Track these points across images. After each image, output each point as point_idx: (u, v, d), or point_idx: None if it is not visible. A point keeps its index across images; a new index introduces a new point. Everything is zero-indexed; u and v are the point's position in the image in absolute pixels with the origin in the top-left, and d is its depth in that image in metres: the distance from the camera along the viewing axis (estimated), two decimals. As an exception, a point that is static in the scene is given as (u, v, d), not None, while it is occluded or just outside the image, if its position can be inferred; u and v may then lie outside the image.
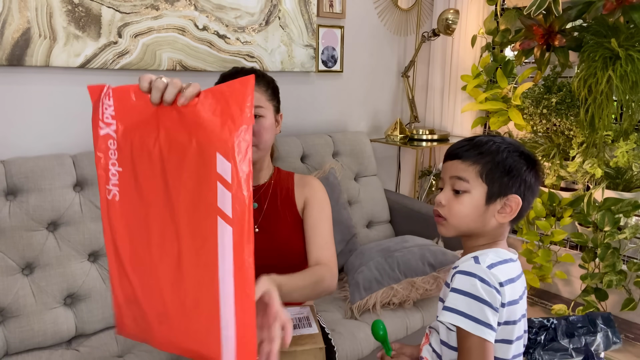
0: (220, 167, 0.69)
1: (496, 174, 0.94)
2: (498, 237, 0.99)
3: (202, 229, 0.71)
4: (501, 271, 0.92)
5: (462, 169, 0.96)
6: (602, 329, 0.99)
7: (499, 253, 0.96)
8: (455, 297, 0.90)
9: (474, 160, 0.96)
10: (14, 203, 1.52)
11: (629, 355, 2.18)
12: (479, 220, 0.96)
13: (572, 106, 2.16)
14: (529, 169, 0.96)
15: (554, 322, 1.04)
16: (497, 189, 0.95)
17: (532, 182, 0.96)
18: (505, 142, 0.98)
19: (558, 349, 0.99)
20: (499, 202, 0.95)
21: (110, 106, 0.76)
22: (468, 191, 0.95)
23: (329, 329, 1.55)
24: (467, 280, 0.90)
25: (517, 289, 0.95)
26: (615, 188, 2.18)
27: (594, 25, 2.03)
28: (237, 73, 1.16)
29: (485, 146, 0.96)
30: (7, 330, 1.44)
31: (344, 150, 2.28)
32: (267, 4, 2.11)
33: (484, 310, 0.87)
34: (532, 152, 1.00)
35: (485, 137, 1.00)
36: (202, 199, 0.71)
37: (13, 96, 1.65)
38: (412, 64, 2.58)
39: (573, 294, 2.46)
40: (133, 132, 0.76)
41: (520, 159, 0.96)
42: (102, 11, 1.72)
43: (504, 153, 0.95)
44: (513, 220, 0.98)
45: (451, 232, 0.99)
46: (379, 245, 1.90)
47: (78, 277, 1.56)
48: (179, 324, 0.76)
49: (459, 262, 0.98)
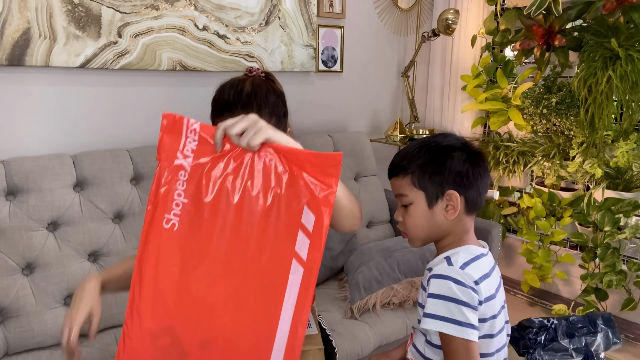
0: (305, 218, 0.78)
1: (425, 177, 0.96)
2: (463, 233, 0.99)
3: (275, 267, 0.79)
4: (474, 269, 0.93)
5: (399, 185, 1.00)
6: (603, 329, 0.99)
7: (469, 250, 0.97)
8: (434, 302, 0.90)
9: (404, 173, 0.99)
10: (14, 203, 1.52)
11: (629, 355, 2.18)
12: (431, 225, 0.98)
13: (572, 106, 2.16)
14: (458, 159, 0.96)
15: (554, 322, 1.04)
16: (432, 191, 0.96)
17: (466, 170, 0.96)
18: (429, 141, 0.99)
19: (558, 349, 0.99)
20: (441, 202, 0.96)
21: (195, 141, 0.81)
22: (412, 203, 0.98)
23: (329, 329, 1.55)
24: (443, 284, 0.90)
25: (492, 283, 0.96)
26: (615, 188, 2.18)
27: (594, 25, 2.03)
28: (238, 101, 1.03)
29: (409, 155, 0.99)
30: (7, 330, 1.44)
31: (344, 150, 2.28)
32: (267, 4, 2.11)
33: (463, 311, 0.88)
34: (462, 138, 1.00)
35: (411, 145, 1.01)
36: (279, 242, 0.79)
37: (13, 96, 1.65)
38: (412, 64, 2.58)
39: (573, 294, 2.46)
40: (210, 170, 0.81)
41: (444, 153, 0.97)
42: (102, 11, 1.72)
43: (425, 155, 0.97)
44: (469, 211, 0.98)
45: (417, 243, 1.02)
46: (379, 245, 1.90)
47: (78, 277, 1.55)
48: (229, 349, 0.82)
49: (433, 265, 0.99)
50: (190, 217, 0.80)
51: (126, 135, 1.88)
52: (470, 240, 1.00)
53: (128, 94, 1.88)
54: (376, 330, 1.67)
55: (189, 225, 0.81)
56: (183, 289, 0.81)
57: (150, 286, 0.81)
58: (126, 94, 1.87)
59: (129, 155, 1.74)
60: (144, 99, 1.92)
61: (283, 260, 0.79)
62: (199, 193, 0.80)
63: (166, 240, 0.81)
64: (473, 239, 1.01)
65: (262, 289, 0.80)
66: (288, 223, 0.79)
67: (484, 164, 0.99)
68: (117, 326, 1.62)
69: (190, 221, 0.80)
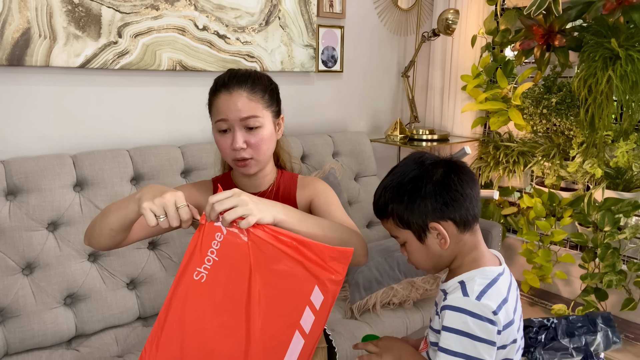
0: (315, 296, 0.88)
1: (404, 216, 0.93)
2: (472, 250, 0.94)
3: (279, 334, 0.88)
4: (492, 297, 0.87)
5: (388, 228, 0.99)
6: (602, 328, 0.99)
7: (485, 274, 0.91)
8: (447, 336, 0.87)
9: (386, 217, 0.97)
10: (14, 203, 1.52)
11: (628, 355, 2.18)
12: (432, 257, 0.95)
13: (572, 106, 2.16)
14: (427, 189, 0.91)
15: (554, 322, 1.04)
16: (416, 228, 0.93)
17: (440, 195, 0.91)
18: (393, 180, 0.95)
19: (558, 348, 0.99)
20: (430, 234, 0.93)
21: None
22: (406, 241, 0.96)
23: (329, 329, 1.55)
24: (458, 318, 0.86)
25: (510, 307, 0.91)
26: (615, 188, 2.18)
27: (594, 25, 2.03)
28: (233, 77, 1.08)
29: (381, 198, 0.96)
30: (7, 330, 1.44)
31: (344, 150, 2.28)
32: (267, 4, 2.11)
33: (477, 348, 0.85)
34: (426, 158, 0.95)
35: (380, 184, 0.98)
36: (286, 313, 0.88)
37: (13, 96, 1.65)
38: (412, 64, 2.58)
39: (573, 294, 2.46)
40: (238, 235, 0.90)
41: (412, 188, 0.92)
42: (102, 11, 1.72)
43: (394, 196, 0.94)
44: (465, 229, 0.93)
45: (431, 272, 1.01)
46: (379, 245, 1.90)
47: (78, 277, 1.56)
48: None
49: (447, 288, 0.94)
50: (216, 273, 0.88)
51: (126, 135, 1.88)
52: (484, 259, 0.94)
53: (128, 94, 1.88)
54: (376, 330, 1.67)
55: (214, 280, 0.88)
56: (199, 336, 0.88)
57: (172, 326, 0.88)
58: (126, 94, 1.87)
59: (129, 155, 1.74)
60: (144, 99, 1.92)
61: (288, 329, 0.88)
62: (228, 255, 0.88)
63: (193, 289, 0.88)
64: (487, 256, 0.95)
65: (266, 350, 0.88)
66: (297, 297, 0.88)
67: (459, 177, 0.92)
68: (117, 326, 1.62)
69: (216, 277, 0.88)
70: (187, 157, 1.85)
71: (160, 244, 1.74)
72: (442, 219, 0.91)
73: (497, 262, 0.96)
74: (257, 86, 1.08)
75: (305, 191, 1.20)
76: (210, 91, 1.10)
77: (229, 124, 1.05)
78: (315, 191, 1.19)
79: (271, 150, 1.13)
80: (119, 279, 1.63)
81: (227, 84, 1.06)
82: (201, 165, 1.86)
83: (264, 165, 1.13)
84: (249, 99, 1.04)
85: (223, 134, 1.06)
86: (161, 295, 1.67)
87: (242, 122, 1.04)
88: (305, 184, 1.22)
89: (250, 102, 1.05)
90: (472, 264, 0.93)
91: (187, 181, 1.84)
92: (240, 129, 1.04)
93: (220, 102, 1.05)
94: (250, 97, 1.05)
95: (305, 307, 0.88)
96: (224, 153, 1.08)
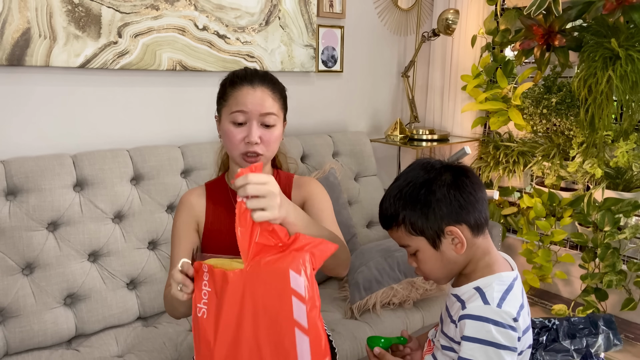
0: (294, 282, 0.81)
1: (418, 222, 0.91)
2: (485, 254, 0.93)
3: (283, 341, 0.82)
4: (511, 304, 0.87)
5: (398, 237, 0.95)
6: (604, 330, 0.98)
7: (502, 279, 0.90)
8: (471, 346, 0.85)
9: (396, 225, 0.94)
10: (14, 203, 1.52)
11: (629, 355, 2.18)
12: (446, 264, 0.93)
13: (572, 106, 2.16)
14: (441, 191, 0.90)
15: (555, 323, 1.04)
16: (430, 233, 0.91)
17: (455, 198, 0.89)
18: (405, 184, 0.93)
19: (560, 350, 0.99)
20: (444, 240, 0.91)
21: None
22: (418, 250, 0.93)
23: (329, 329, 1.55)
24: (481, 327, 0.85)
25: (526, 312, 0.91)
26: (615, 188, 2.18)
27: (594, 25, 2.03)
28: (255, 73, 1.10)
29: (393, 204, 0.93)
30: (7, 330, 1.44)
31: (344, 150, 2.28)
32: (267, 4, 2.11)
33: (502, 355, 0.84)
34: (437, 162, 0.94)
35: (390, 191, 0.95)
36: (277, 314, 0.82)
37: (13, 96, 1.64)
38: (412, 64, 2.58)
39: (573, 294, 2.46)
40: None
41: (425, 190, 0.90)
42: (102, 11, 1.72)
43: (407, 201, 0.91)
44: (478, 232, 0.92)
45: (442, 282, 0.98)
46: (379, 245, 1.90)
47: (78, 277, 1.55)
48: None
49: (461, 293, 0.93)
50: (212, 304, 0.87)
51: (126, 135, 1.88)
52: (498, 263, 0.93)
53: (128, 94, 1.88)
54: (376, 330, 1.67)
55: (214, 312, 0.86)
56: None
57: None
58: (126, 94, 1.87)
59: (129, 155, 1.74)
60: (144, 99, 1.91)
61: (287, 331, 0.82)
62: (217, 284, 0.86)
63: (202, 326, 0.87)
64: (500, 261, 0.94)
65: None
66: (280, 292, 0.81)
67: (470, 180, 0.92)
68: (117, 326, 1.62)
69: (214, 308, 0.86)
70: (187, 157, 1.85)
71: (160, 244, 1.74)
72: (458, 222, 0.90)
73: (509, 266, 0.96)
74: (277, 87, 1.12)
75: (300, 191, 1.21)
76: (228, 83, 1.10)
77: (247, 117, 1.06)
78: (309, 193, 1.20)
79: (276, 151, 1.15)
80: (119, 279, 1.63)
81: (251, 79, 1.08)
82: (201, 165, 1.86)
83: (266, 163, 1.14)
84: (271, 97, 1.08)
85: (237, 126, 1.07)
86: (161, 295, 1.67)
87: (261, 118, 1.07)
88: (300, 184, 1.23)
89: (271, 100, 1.08)
90: (486, 269, 0.92)
91: (187, 181, 1.83)
92: (257, 123, 1.06)
93: (241, 94, 1.06)
94: (272, 95, 1.09)
95: (290, 297, 0.82)
96: (233, 145, 1.08)
